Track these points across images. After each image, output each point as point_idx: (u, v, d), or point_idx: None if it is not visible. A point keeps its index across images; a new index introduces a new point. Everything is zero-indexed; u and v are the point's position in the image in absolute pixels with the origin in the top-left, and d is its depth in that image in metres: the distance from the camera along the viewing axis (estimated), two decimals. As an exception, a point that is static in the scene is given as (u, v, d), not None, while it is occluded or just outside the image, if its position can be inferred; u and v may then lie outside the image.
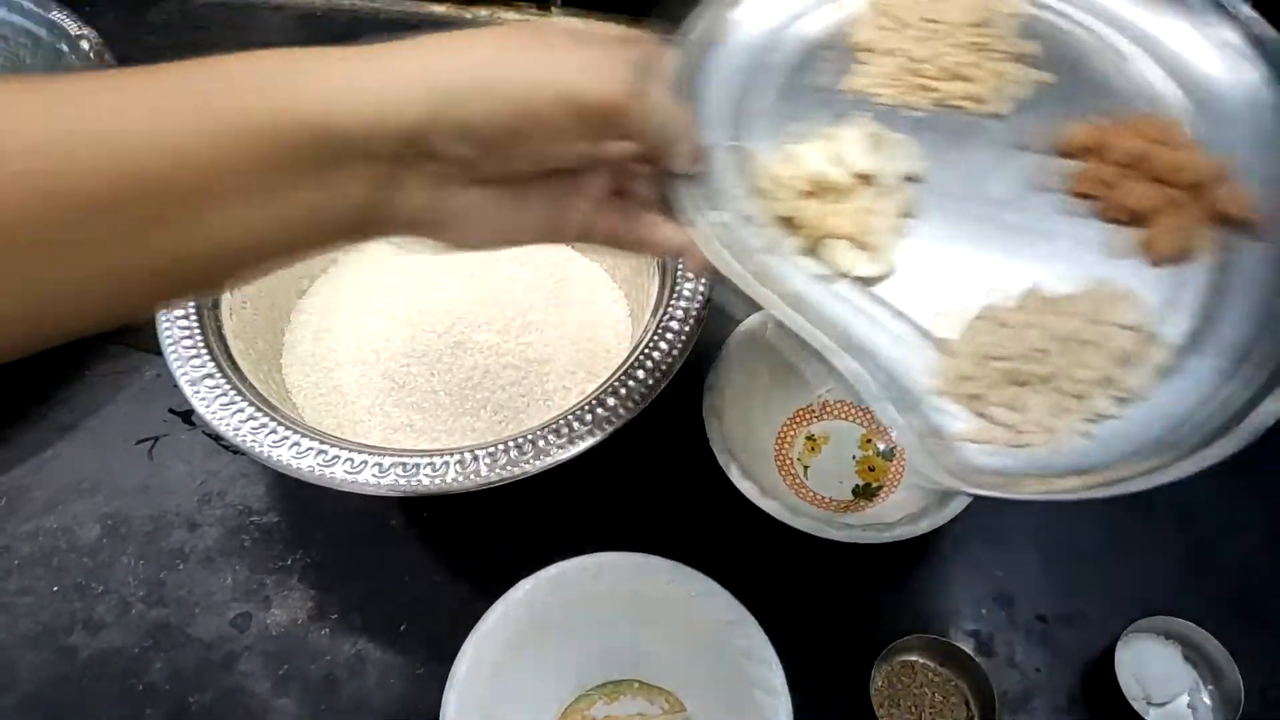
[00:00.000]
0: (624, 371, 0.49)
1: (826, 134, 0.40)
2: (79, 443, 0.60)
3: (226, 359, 0.51)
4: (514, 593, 0.47)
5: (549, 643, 0.48)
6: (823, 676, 0.51)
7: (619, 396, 0.48)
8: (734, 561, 0.54)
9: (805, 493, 0.56)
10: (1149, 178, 0.39)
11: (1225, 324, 0.37)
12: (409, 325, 0.58)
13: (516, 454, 0.46)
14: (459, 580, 0.54)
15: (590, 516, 0.56)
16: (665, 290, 0.53)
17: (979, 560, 0.55)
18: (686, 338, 0.50)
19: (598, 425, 0.47)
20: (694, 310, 0.51)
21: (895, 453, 0.57)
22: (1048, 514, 0.56)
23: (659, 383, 0.49)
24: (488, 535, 0.56)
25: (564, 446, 0.46)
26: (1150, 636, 0.51)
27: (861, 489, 0.56)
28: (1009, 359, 0.37)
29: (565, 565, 0.48)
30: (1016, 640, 0.52)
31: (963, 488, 0.34)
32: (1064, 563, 0.55)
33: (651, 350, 0.50)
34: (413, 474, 0.46)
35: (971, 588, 0.54)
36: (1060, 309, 0.38)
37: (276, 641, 0.52)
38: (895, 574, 0.54)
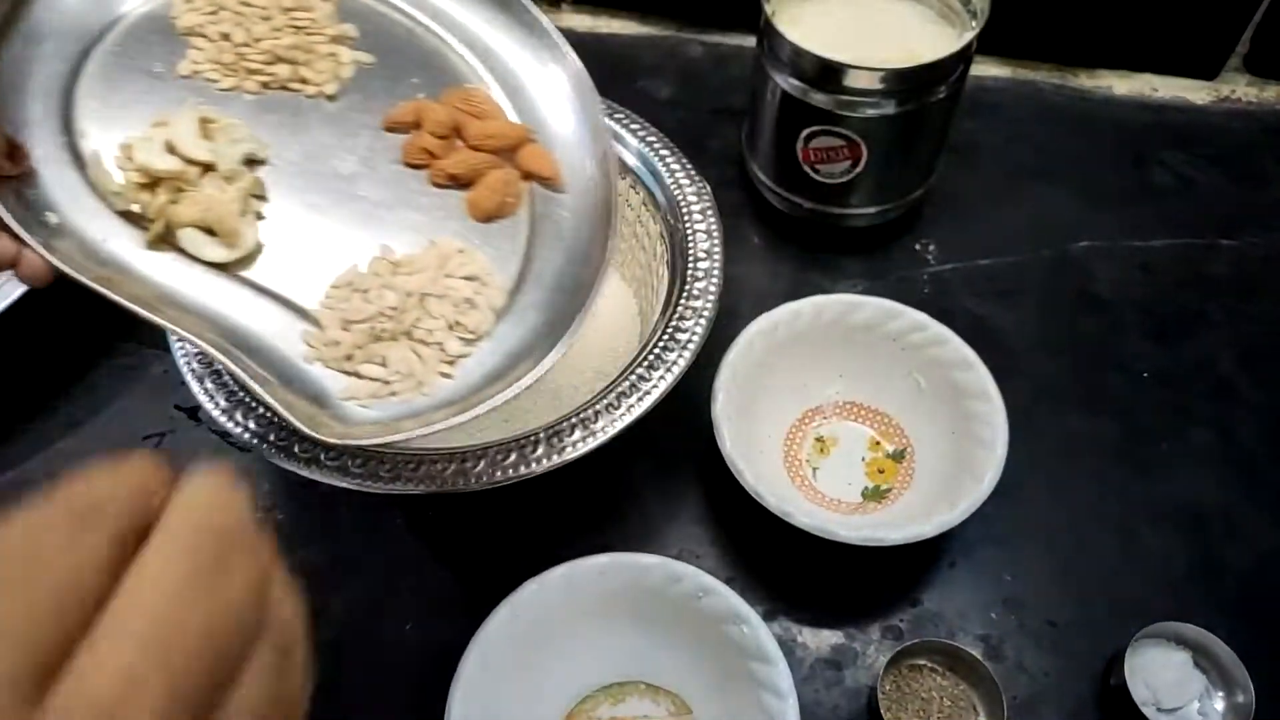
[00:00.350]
0: (632, 371, 0.49)
1: (159, 123, 0.41)
2: (86, 438, 0.60)
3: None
4: (519, 594, 0.47)
5: (554, 644, 0.48)
6: (830, 680, 0.50)
7: (627, 396, 0.48)
8: (741, 562, 0.54)
9: (814, 494, 0.56)
10: (467, 146, 0.44)
11: (541, 261, 0.44)
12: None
13: (519, 456, 0.46)
14: (464, 580, 0.54)
15: (597, 517, 0.56)
16: (675, 289, 0.53)
17: (988, 564, 0.54)
18: (698, 338, 0.50)
19: (605, 426, 0.47)
20: (705, 309, 0.51)
21: (905, 454, 0.57)
22: (1058, 518, 0.56)
23: (667, 383, 0.48)
24: (493, 535, 0.55)
25: (571, 447, 0.46)
26: (1161, 642, 0.50)
27: (871, 491, 0.56)
28: (368, 320, 0.41)
29: (571, 566, 0.47)
30: (1026, 645, 0.52)
31: (350, 443, 0.38)
32: (1074, 567, 0.54)
33: (661, 350, 0.49)
34: (419, 474, 0.45)
35: (980, 592, 0.53)
36: (407, 269, 0.43)
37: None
38: (904, 577, 0.54)
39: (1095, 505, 0.57)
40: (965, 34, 0.60)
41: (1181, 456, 0.59)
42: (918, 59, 0.59)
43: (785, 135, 0.63)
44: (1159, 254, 0.68)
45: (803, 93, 0.60)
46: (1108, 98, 0.78)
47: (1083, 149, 0.75)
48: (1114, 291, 0.66)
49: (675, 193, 0.56)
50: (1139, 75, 0.79)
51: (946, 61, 0.57)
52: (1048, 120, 0.77)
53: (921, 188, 0.66)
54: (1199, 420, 0.60)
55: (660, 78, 0.80)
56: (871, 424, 0.58)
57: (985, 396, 0.53)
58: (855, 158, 0.61)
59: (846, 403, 0.59)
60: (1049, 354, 0.63)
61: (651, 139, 0.58)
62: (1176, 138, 0.75)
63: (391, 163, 0.45)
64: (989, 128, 0.75)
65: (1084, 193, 0.72)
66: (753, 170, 0.69)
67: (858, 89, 0.58)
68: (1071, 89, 0.79)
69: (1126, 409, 0.61)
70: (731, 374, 0.54)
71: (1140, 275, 0.67)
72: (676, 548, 0.55)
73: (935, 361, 0.56)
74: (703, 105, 0.78)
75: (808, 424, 0.59)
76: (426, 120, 0.45)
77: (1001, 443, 0.51)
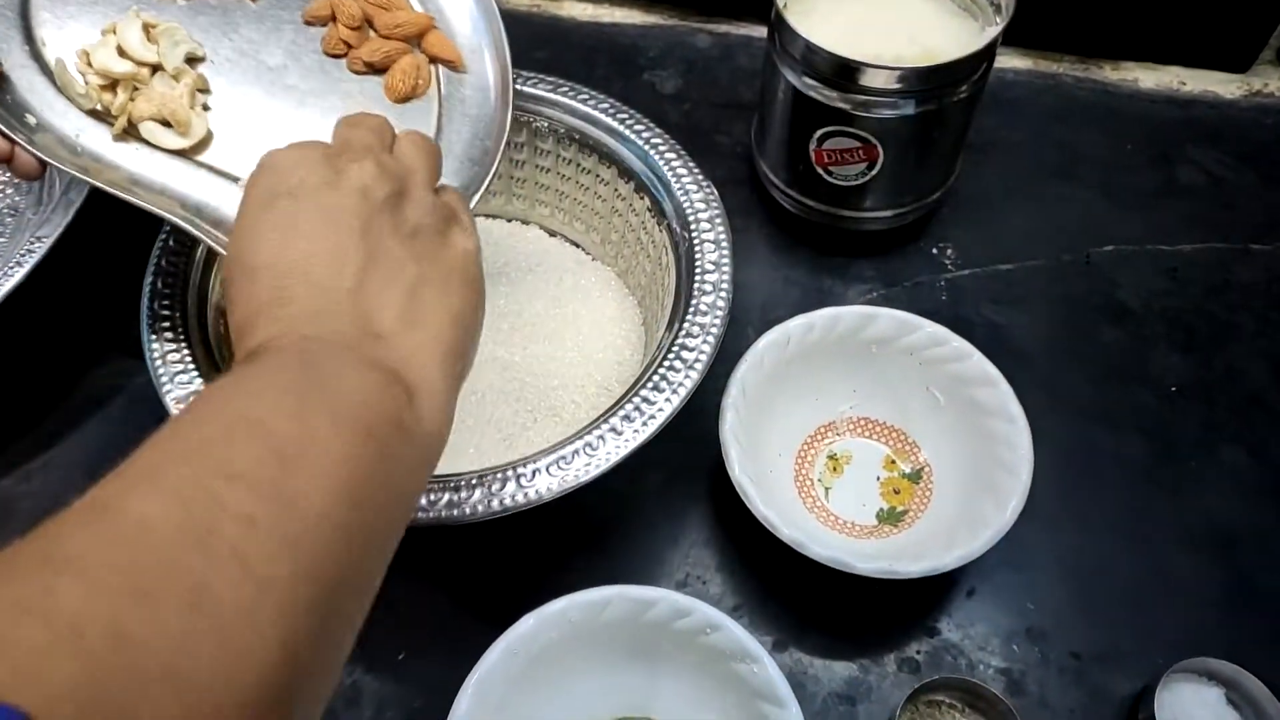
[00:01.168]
0: (636, 392, 0.46)
1: (108, 30, 0.46)
2: (68, 451, 0.57)
3: (215, 371, 0.48)
4: (516, 629, 0.44)
5: (554, 680, 0.45)
6: (843, 715, 0.48)
7: (631, 421, 0.45)
8: (750, 589, 0.52)
9: (826, 516, 0.53)
10: (379, 36, 0.49)
11: (451, 134, 0.49)
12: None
13: (516, 485, 0.43)
14: (460, 607, 0.51)
15: (599, 538, 0.54)
16: (682, 303, 0.50)
17: (1008, 591, 0.52)
18: (705, 357, 0.47)
19: (609, 453, 0.44)
20: (713, 326, 0.48)
21: (922, 475, 0.54)
22: (1081, 541, 0.53)
23: (674, 406, 0.46)
24: (491, 560, 0.53)
25: (573, 476, 0.43)
26: (1192, 678, 0.48)
27: (886, 513, 0.53)
28: None
29: (571, 599, 0.45)
30: (1049, 679, 0.49)
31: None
32: (1099, 597, 0.52)
33: (667, 371, 0.47)
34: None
35: (1001, 621, 0.51)
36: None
37: (269, 670, 0.50)
38: (920, 606, 0.51)
39: (1120, 528, 0.54)
40: (988, 29, 0.57)
41: (1212, 476, 0.56)
42: (936, 55, 0.56)
43: (797, 135, 0.60)
44: (1187, 259, 0.65)
45: (816, 91, 0.57)
46: (1133, 92, 0.75)
47: (1106, 146, 0.71)
48: (1139, 299, 0.63)
49: (682, 199, 0.53)
50: (1166, 68, 0.76)
51: (968, 60, 0.54)
52: (1070, 116, 0.73)
53: (940, 190, 0.63)
54: (1230, 437, 0.57)
55: (666, 70, 0.77)
56: (887, 441, 0.56)
57: (1008, 416, 0.50)
58: (871, 160, 0.58)
59: (861, 419, 0.56)
60: (1071, 365, 0.60)
61: (657, 141, 0.55)
62: (1206, 134, 0.72)
63: (313, 53, 0.49)
64: (1008, 124, 0.72)
65: (1107, 193, 0.69)
66: (762, 169, 0.66)
67: (874, 88, 0.55)
68: (1095, 82, 0.76)
69: (1153, 425, 0.58)
70: (740, 390, 0.52)
71: (1167, 282, 0.64)
72: (682, 572, 0.53)
73: (955, 378, 0.53)
74: (710, 99, 0.75)
75: (820, 440, 0.56)
76: (340, 13, 0.49)
77: (1026, 468, 0.48)
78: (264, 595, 0.22)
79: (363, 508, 0.26)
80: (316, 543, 0.24)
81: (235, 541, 0.23)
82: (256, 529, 0.23)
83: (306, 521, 0.24)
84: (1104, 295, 0.64)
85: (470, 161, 0.48)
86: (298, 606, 0.23)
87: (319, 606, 0.24)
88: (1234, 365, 0.60)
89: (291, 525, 0.24)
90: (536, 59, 0.77)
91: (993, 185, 0.69)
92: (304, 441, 0.26)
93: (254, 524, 0.23)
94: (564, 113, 0.58)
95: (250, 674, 0.21)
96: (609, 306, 0.58)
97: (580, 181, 0.59)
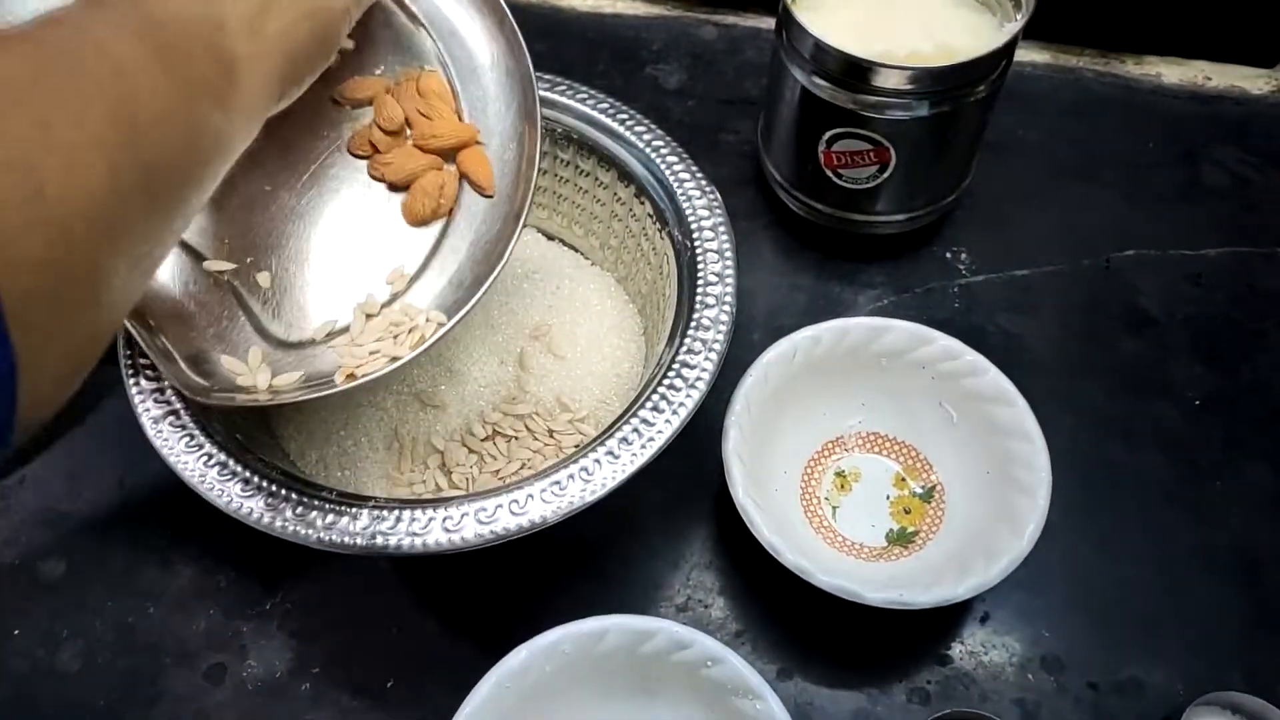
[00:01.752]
0: (634, 413, 0.44)
1: None
2: (47, 468, 0.55)
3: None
4: (508, 662, 0.42)
5: (548, 715, 0.43)
6: (850, 750, 0.46)
7: (629, 443, 0.43)
8: (754, 619, 0.50)
9: (833, 538, 0.51)
10: (412, 144, 0.46)
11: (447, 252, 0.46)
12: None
13: (509, 511, 0.41)
14: (452, 634, 0.49)
15: (597, 560, 0.52)
16: (684, 316, 0.48)
17: (1023, 617, 0.50)
18: (708, 374, 0.45)
19: (605, 478, 0.42)
20: (716, 342, 0.46)
21: (934, 494, 0.52)
22: (1099, 564, 0.51)
23: (674, 427, 0.43)
24: (483, 584, 0.51)
25: (566, 504, 0.41)
26: (1216, 710, 0.46)
27: (896, 534, 0.51)
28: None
29: (565, 631, 0.43)
30: (1066, 710, 0.47)
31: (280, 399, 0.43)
32: (1117, 623, 0.49)
33: (667, 390, 0.44)
34: (394, 532, 0.41)
35: (1015, 649, 0.49)
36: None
37: (253, 697, 0.48)
38: (931, 633, 0.49)
39: (1139, 549, 0.52)
40: (1007, 25, 0.54)
41: (1237, 495, 0.53)
42: (952, 53, 0.54)
43: (805, 136, 0.57)
44: (1211, 264, 0.63)
45: (825, 91, 0.54)
46: (1155, 87, 0.72)
47: (1128, 145, 0.69)
48: (1161, 307, 0.61)
49: (684, 205, 0.51)
50: (1190, 62, 0.73)
51: (986, 59, 0.52)
52: (1090, 112, 0.71)
53: (954, 193, 0.61)
54: (1255, 453, 0.55)
55: (669, 63, 0.74)
56: (897, 458, 0.53)
57: (1026, 436, 0.48)
58: (883, 162, 0.56)
59: (870, 434, 0.54)
60: (1089, 376, 0.58)
61: (659, 144, 0.53)
62: (1231, 132, 0.69)
63: (334, 144, 0.47)
64: (1025, 122, 0.69)
65: (1129, 195, 0.66)
66: (768, 170, 0.63)
67: (887, 89, 0.52)
68: (1116, 77, 0.73)
69: (1175, 441, 0.55)
70: (745, 406, 0.49)
71: (1191, 288, 0.62)
72: (683, 596, 0.51)
73: (970, 394, 0.51)
74: (715, 94, 0.72)
75: (827, 457, 0.54)
76: (380, 113, 0.46)
77: (1044, 491, 0.46)
78: (97, 152, 0.28)
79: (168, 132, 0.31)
80: (143, 145, 0.30)
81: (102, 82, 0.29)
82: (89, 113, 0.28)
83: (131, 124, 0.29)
84: (1124, 302, 0.61)
85: (458, 286, 0.45)
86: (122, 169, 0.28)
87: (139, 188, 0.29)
88: (1260, 377, 0.58)
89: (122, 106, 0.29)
90: (535, 52, 0.73)
91: (1009, 186, 0.66)
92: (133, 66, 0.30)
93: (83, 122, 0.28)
94: (562, 113, 0.55)
95: (83, 189, 0.27)
96: (608, 315, 0.56)
97: (579, 184, 0.57)
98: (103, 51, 0.30)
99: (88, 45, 0.29)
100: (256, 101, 0.36)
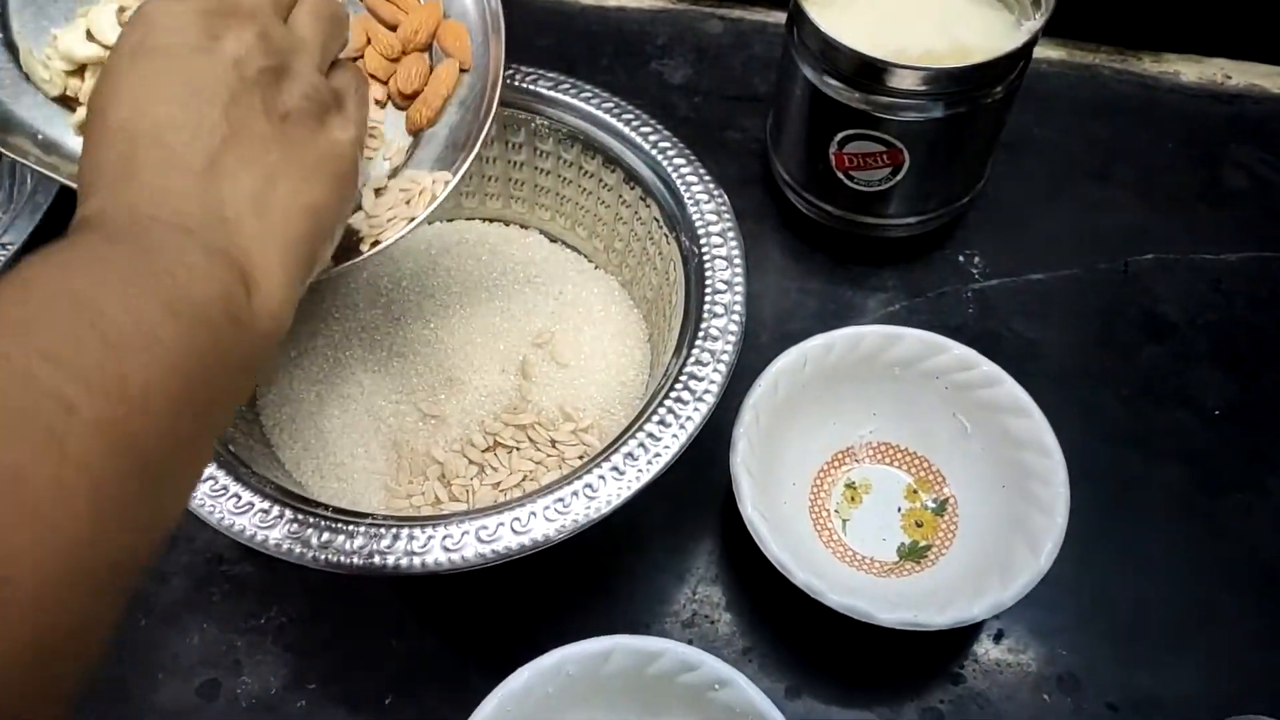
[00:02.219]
0: (640, 427, 0.43)
1: (82, 13, 0.43)
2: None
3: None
4: (510, 683, 0.41)
5: (549, 738, 0.42)
6: (861, 773, 0.45)
7: (635, 459, 0.42)
8: (762, 635, 0.49)
9: (844, 552, 0.50)
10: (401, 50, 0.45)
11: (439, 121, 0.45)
12: (399, 360, 0.51)
13: (510, 529, 0.40)
14: (451, 650, 0.48)
15: (600, 574, 0.50)
16: (692, 325, 0.46)
17: (1039, 635, 0.48)
18: (716, 387, 0.44)
19: (609, 495, 0.41)
20: (725, 353, 0.45)
21: (947, 507, 0.50)
22: (1116, 581, 0.50)
23: (681, 442, 0.42)
24: (483, 599, 0.49)
25: (570, 522, 0.40)
26: (1238, 734, 0.45)
27: (908, 549, 0.50)
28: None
29: (568, 651, 0.41)
30: (1082, 733, 0.46)
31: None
32: (1136, 641, 0.48)
33: (674, 403, 0.43)
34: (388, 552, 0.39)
35: (1030, 668, 0.47)
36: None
37: (247, 714, 0.46)
38: (944, 651, 0.48)
39: (1158, 564, 0.51)
40: (1025, 24, 0.53)
41: (1258, 508, 0.52)
42: (966, 51, 0.52)
43: (816, 137, 0.56)
44: (1232, 269, 0.61)
45: (837, 92, 0.52)
46: (1174, 86, 0.70)
47: (1146, 145, 0.67)
48: (1181, 312, 0.59)
49: (692, 210, 0.49)
50: (1210, 60, 0.71)
51: (1003, 60, 0.50)
52: (1107, 111, 0.69)
53: (968, 195, 0.59)
54: (1278, 465, 0.53)
55: (675, 58, 0.73)
56: (909, 469, 0.52)
57: (1043, 449, 0.47)
58: (896, 164, 0.54)
59: (881, 444, 0.53)
60: (1106, 384, 0.57)
61: (665, 145, 0.51)
62: (1253, 133, 0.67)
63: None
64: (1040, 120, 0.68)
65: (1147, 197, 0.64)
66: (777, 170, 0.62)
67: (901, 89, 0.51)
68: (1133, 75, 0.71)
69: (1194, 452, 0.54)
70: (754, 417, 0.48)
71: (1211, 294, 0.60)
72: (689, 611, 0.49)
73: (984, 405, 0.49)
74: (722, 91, 0.71)
75: (837, 467, 0.52)
76: (377, 42, 0.45)
77: (1062, 508, 0.45)
78: (80, 476, 0.22)
79: (185, 397, 0.26)
80: (136, 428, 0.24)
81: (51, 424, 0.22)
82: (75, 414, 0.23)
83: (128, 406, 0.24)
84: (1142, 308, 0.59)
85: (454, 146, 0.45)
86: (112, 487, 0.23)
87: (133, 481, 0.24)
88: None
89: (111, 410, 0.23)
90: (538, 46, 0.72)
91: (1023, 187, 0.64)
92: (130, 325, 0.25)
93: (72, 409, 0.23)
94: (565, 112, 0.53)
95: (59, 550, 0.22)
96: (612, 321, 0.54)
97: (583, 185, 0.55)
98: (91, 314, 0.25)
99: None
100: (281, 292, 0.31)
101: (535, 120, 0.54)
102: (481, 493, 0.47)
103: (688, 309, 0.47)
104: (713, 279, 0.47)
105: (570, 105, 0.53)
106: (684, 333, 0.46)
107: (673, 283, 0.50)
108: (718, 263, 0.48)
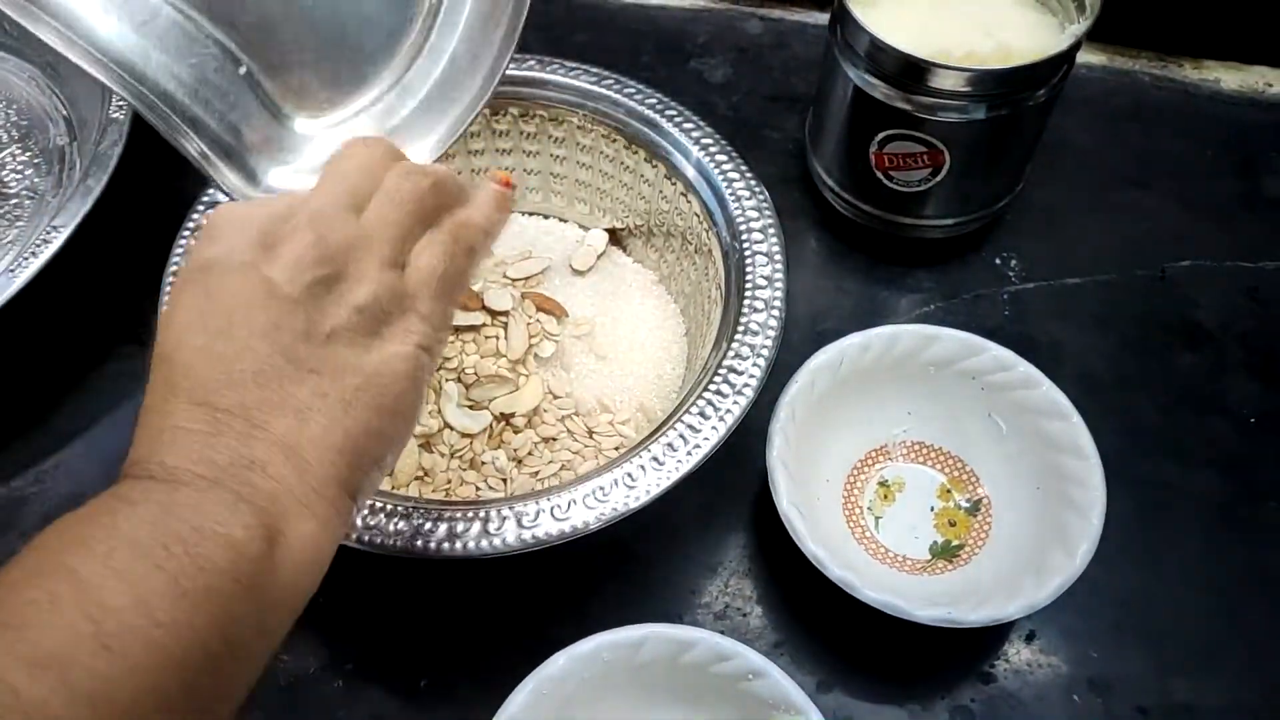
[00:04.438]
0: (679, 418, 0.43)
1: None
2: (81, 452, 0.55)
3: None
4: (546, 668, 0.41)
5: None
6: (890, 769, 0.45)
7: (674, 451, 0.42)
8: (794, 629, 0.49)
9: (876, 549, 0.50)
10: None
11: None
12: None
13: (551, 516, 0.40)
14: (486, 634, 0.49)
15: (632, 565, 0.51)
16: (731, 320, 0.47)
17: (1070, 637, 0.48)
18: (755, 381, 0.44)
19: (649, 485, 0.41)
20: (765, 348, 0.45)
21: (980, 508, 0.51)
22: (1149, 587, 0.50)
23: (720, 435, 0.43)
24: (518, 586, 0.50)
25: (609, 510, 0.41)
26: (1269, 741, 0.45)
27: (940, 547, 0.50)
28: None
29: (602, 639, 0.42)
30: (1113, 736, 0.46)
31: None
32: (1168, 647, 0.48)
33: (714, 395, 0.43)
34: (429, 535, 0.40)
35: (1062, 669, 0.48)
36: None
37: (285, 694, 0.47)
38: (976, 650, 0.48)
39: (1192, 572, 0.50)
40: (1070, 28, 0.53)
41: (1293, 518, 0.52)
42: (1010, 53, 0.52)
43: (856, 136, 0.56)
44: (1270, 278, 0.61)
45: (879, 91, 0.53)
46: (1214, 93, 0.70)
47: (1185, 152, 0.67)
48: (1217, 320, 0.59)
49: (733, 205, 0.50)
50: (1251, 68, 0.71)
51: (1047, 63, 0.50)
52: (1146, 118, 0.69)
53: (1006, 198, 0.59)
54: (1314, 475, 0.53)
55: (714, 58, 0.73)
56: (943, 469, 0.52)
57: (1079, 452, 0.47)
58: (936, 165, 0.54)
59: (915, 443, 0.53)
60: (1141, 390, 0.56)
61: (707, 141, 0.52)
62: (1293, 141, 0.67)
63: None
64: (1080, 125, 0.68)
65: (1185, 204, 0.64)
66: (815, 169, 0.62)
67: (944, 90, 0.51)
68: (1174, 82, 0.71)
69: (1230, 460, 0.54)
70: (790, 413, 0.48)
71: (1248, 302, 0.60)
72: (720, 603, 0.50)
73: (1021, 406, 0.49)
74: (762, 90, 0.71)
75: (871, 465, 0.53)
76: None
77: (1098, 510, 0.45)
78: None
79: (182, 691, 0.25)
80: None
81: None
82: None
83: (117, 708, 0.23)
84: (1179, 315, 0.59)
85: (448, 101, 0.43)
86: None
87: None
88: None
89: (97, 713, 0.23)
90: (577, 43, 0.73)
91: (1061, 191, 0.65)
92: (132, 614, 0.24)
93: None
94: (609, 106, 0.54)
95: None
96: (649, 314, 0.55)
97: (623, 180, 0.56)
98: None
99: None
100: (312, 540, 0.29)
101: (578, 115, 0.55)
102: (519, 481, 0.48)
103: (727, 303, 0.48)
104: (753, 274, 0.47)
105: (614, 100, 0.54)
106: (724, 327, 0.47)
107: (711, 278, 0.51)
108: (758, 258, 0.48)
